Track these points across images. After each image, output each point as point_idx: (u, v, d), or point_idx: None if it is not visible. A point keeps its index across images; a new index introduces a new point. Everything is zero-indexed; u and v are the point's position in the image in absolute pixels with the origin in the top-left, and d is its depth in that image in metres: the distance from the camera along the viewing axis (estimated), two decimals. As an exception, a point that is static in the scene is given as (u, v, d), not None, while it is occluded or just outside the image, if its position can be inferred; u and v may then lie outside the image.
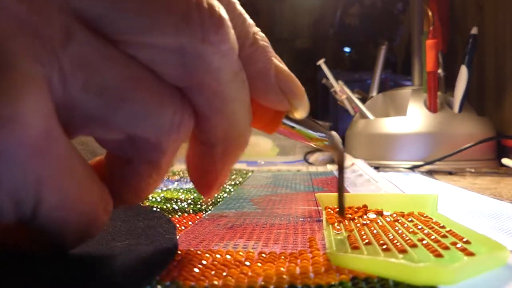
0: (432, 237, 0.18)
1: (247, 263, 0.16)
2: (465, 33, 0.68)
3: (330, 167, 0.62)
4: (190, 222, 0.23)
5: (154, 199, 0.31)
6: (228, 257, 0.16)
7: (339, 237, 0.19)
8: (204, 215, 0.26)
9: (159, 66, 0.13)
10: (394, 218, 0.22)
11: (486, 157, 0.61)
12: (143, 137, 0.14)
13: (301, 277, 0.14)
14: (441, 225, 0.20)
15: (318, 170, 0.58)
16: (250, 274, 0.14)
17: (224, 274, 0.14)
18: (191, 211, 0.27)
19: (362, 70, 1.02)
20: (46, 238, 0.14)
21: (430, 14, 0.61)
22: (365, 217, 0.23)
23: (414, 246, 0.17)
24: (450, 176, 0.53)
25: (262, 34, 0.17)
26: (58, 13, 0.12)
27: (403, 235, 0.18)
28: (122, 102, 0.13)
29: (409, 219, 0.22)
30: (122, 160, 0.15)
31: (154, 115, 0.14)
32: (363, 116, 0.69)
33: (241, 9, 0.16)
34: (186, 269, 0.15)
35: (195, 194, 0.34)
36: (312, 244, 0.18)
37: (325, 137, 0.21)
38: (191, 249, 0.18)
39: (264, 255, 0.17)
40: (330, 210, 0.24)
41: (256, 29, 0.16)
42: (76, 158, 0.13)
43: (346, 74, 0.98)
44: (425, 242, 0.17)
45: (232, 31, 0.14)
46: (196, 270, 0.15)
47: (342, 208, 0.24)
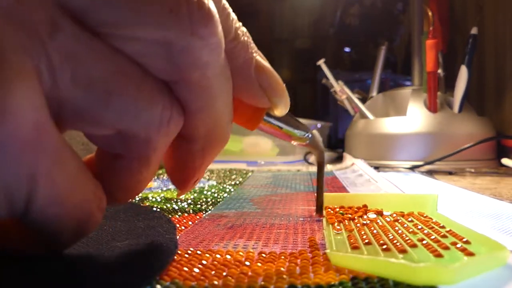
0: (432, 237, 0.18)
1: (247, 263, 0.16)
2: (465, 33, 0.69)
3: (330, 167, 0.62)
4: (190, 222, 0.23)
5: (154, 199, 0.31)
6: (228, 257, 0.16)
7: (339, 237, 0.19)
8: (204, 215, 0.26)
9: (147, 60, 0.13)
10: (394, 218, 0.22)
11: (486, 157, 0.61)
12: (133, 132, 0.14)
13: (301, 277, 0.14)
14: (441, 225, 0.20)
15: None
16: (250, 274, 0.14)
17: (224, 274, 0.14)
18: (191, 211, 0.27)
19: (362, 70, 1.02)
20: (40, 234, 0.13)
21: (430, 14, 0.61)
22: (365, 217, 0.23)
23: (414, 246, 0.17)
24: (450, 176, 0.53)
25: (244, 29, 0.16)
26: (44, 4, 0.12)
27: (403, 235, 0.18)
28: (110, 95, 0.13)
29: (409, 219, 0.22)
30: (112, 156, 0.15)
31: (143, 110, 0.13)
32: (363, 116, 0.69)
33: (225, 2, 0.15)
34: (186, 269, 0.15)
35: (195, 194, 0.34)
36: (312, 244, 0.18)
37: (305, 135, 0.21)
38: (191, 249, 0.18)
39: (264, 255, 0.17)
40: (330, 210, 0.24)
41: (238, 24, 0.16)
42: (69, 152, 0.13)
43: (346, 74, 0.98)
44: (425, 242, 0.17)
45: (220, 25, 0.14)
46: (196, 270, 0.15)
47: (320, 206, 0.24)
